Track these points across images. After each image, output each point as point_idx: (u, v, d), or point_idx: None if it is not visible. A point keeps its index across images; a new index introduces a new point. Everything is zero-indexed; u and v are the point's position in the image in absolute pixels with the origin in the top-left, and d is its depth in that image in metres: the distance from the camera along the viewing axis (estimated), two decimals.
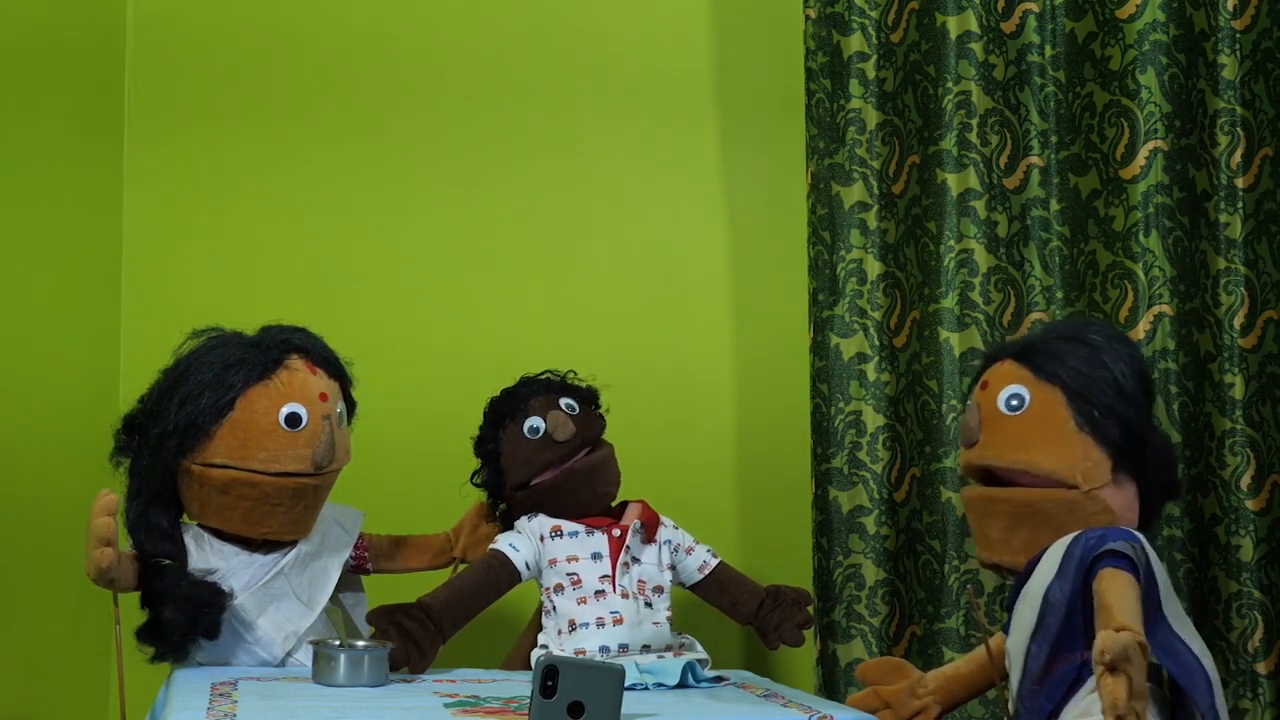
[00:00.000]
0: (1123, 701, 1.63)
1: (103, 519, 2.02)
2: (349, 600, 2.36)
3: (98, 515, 2.02)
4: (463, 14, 2.93)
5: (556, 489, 2.26)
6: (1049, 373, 2.02)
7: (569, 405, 2.28)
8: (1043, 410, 2.01)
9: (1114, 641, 1.65)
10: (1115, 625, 1.72)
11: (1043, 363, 2.03)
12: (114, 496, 2.05)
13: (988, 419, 2.05)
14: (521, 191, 2.91)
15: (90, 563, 2.04)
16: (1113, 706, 1.63)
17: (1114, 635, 1.66)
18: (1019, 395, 2.03)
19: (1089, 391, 2.00)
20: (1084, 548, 1.87)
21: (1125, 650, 1.65)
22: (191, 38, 2.89)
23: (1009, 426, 2.03)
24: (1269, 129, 2.52)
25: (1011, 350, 2.09)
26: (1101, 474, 1.99)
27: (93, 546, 2.02)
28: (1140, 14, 2.56)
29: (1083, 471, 1.99)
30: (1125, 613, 1.75)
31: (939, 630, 2.56)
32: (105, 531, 2.02)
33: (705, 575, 2.35)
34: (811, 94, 2.70)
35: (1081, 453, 1.99)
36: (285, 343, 2.23)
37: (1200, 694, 1.82)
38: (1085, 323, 2.14)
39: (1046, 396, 2.01)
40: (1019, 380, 2.04)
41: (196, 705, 1.85)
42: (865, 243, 2.68)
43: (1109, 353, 2.02)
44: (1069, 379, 2.01)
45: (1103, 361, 2.01)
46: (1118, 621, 1.72)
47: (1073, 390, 2.00)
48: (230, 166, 2.88)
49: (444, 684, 2.08)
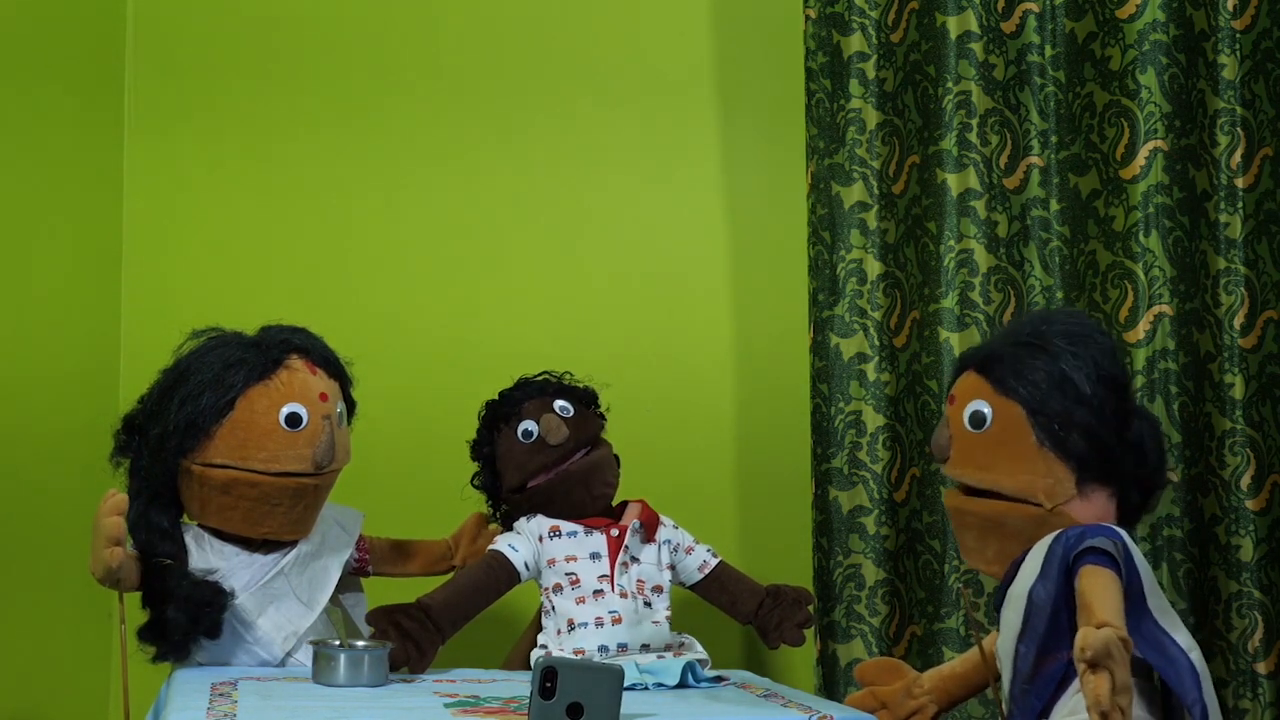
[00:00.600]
0: (1105, 697, 1.63)
1: (112, 518, 2.02)
2: (349, 601, 2.36)
3: (106, 515, 2.02)
4: (463, 16, 2.93)
5: (551, 491, 2.26)
6: (1008, 388, 1.99)
7: (563, 408, 2.29)
8: (1004, 428, 1.99)
9: (1094, 638, 1.65)
10: (1096, 622, 1.72)
11: (1002, 376, 2.00)
12: (122, 496, 2.05)
13: (956, 436, 2.05)
14: (522, 192, 2.91)
15: (98, 562, 2.04)
16: (1096, 703, 1.63)
17: (1094, 632, 1.66)
18: (981, 412, 2.01)
19: (1049, 407, 1.96)
20: (1065, 546, 1.87)
21: (1106, 646, 1.64)
22: (191, 37, 2.89)
23: (974, 445, 2.02)
24: (1269, 129, 2.52)
25: (975, 360, 2.07)
26: (1065, 490, 1.97)
27: (101, 546, 2.02)
28: (1140, 14, 2.56)
29: (1045, 490, 1.97)
30: (1106, 609, 1.75)
31: (939, 630, 2.56)
32: (115, 531, 2.01)
33: (705, 575, 2.35)
34: (811, 94, 2.70)
35: (1044, 470, 1.97)
36: (285, 343, 2.23)
37: (1186, 687, 1.82)
38: (1047, 321, 2.06)
39: (1007, 413, 1.99)
40: (981, 395, 2.02)
41: (196, 705, 1.85)
42: (865, 243, 2.68)
43: (1068, 359, 1.98)
44: (1028, 395, 1.97)
45: (1062, 371, 1.97)
46: (1098, 618, 1.72)
47: (1032, 407, 1.97)
48: (230, 167, 2.88)
49: (444, 684, 2.08)
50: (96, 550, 2.03)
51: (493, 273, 2.89)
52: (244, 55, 2.89)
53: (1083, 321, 2.08)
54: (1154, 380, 2.52)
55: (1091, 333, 2.04)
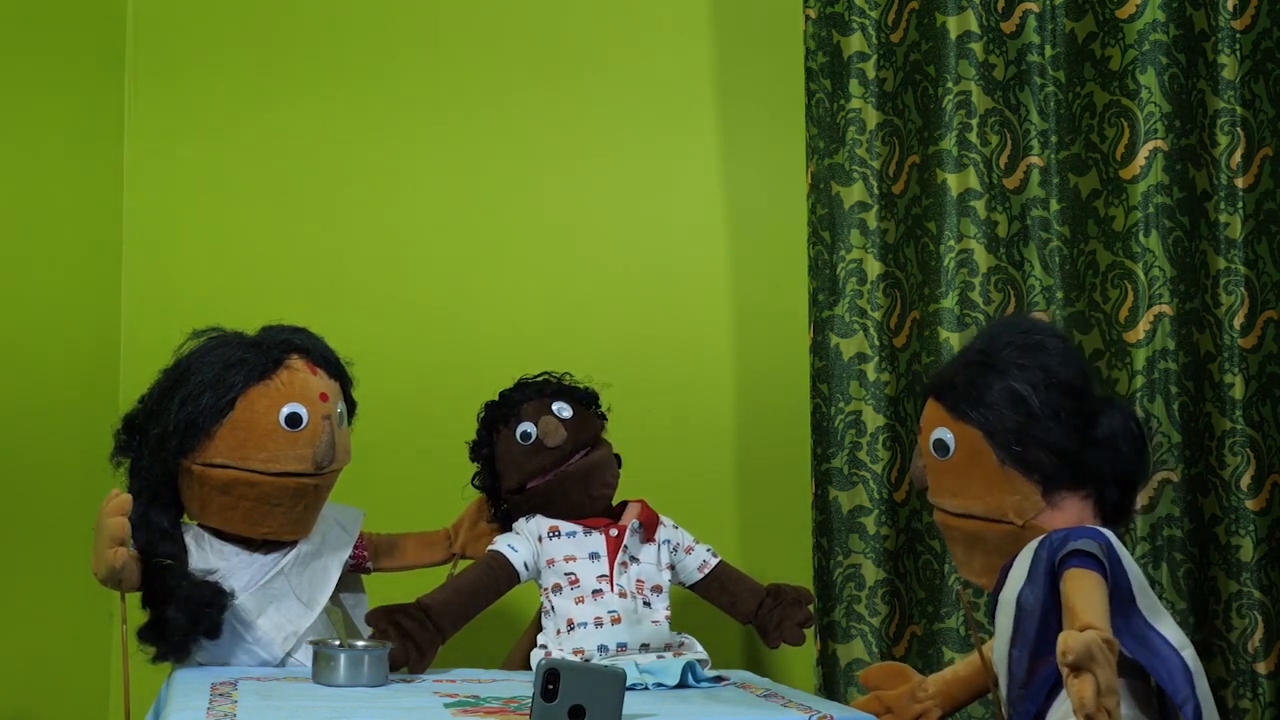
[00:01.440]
0: (1090, 700, 1.63)
1: (116, 519, 2.01)
2: (349, 600, 2.36)
3: (110, 515, 2.02)
4: (466, 14, 2.93)
5: (550, 492, 2.26)
6: (962, 413, 2.00)
7: (561, 409, 2.28)
8: (967, 453, 1.99)
9: (1076, 641, 1.65)
10: (1079, 625, 1.72)
11: (956, 403, 2.01)
12: (126, 497, 2.05)
13: (929, 465, 2.07)
14: (522, 191, 2.91)
15: (101, 562, 2.03)
16: (1080, 706, 1.63)
17: (1076, 635, 1.66)
18: (943, 440, 2.02)
19: (1004, 427, 1.96)
20: (1050, 550, 1.87)
21: (1088, 649, 1.64)
22: (192, 37, 2.90)
23: (944, 472, 2.03)
24: (1269, 129, 2.52)
25: (933, 388, 2.07)
26: (1034, 504, 1.97)
27: (105, 546, 2.01)
28: (1140, 14, 2.56)
29: (1014, 507, 1.97)
30: (1090, 612, 1.75)
31: (939, 630, 2.56)
32: (119, 531, 2.01)
33: (705, 574, 2.35)
34: (811, 94, 2.70)
35: (1010, 488, 1.97)
36: (286, 343, 2.23)
37: (1177, 685, 1.82)
38: (994, 336, 2.05)
39: (967, 437, 1.99)
40: (941, 423, 2.03)
41: (196, 705, 1.85)
42: (865, 243, 2.68)
43: (1014, 373, 1.97)
44: (981, 418, 1.97)
45: (1011, 388, 1.96)
46: (1081, 621, 1.72)
47: (987, 429, 1.97)
48: (231, 167, 2.88)
49: (444, 684, 2.08)
50: (100, 550, 2.03)
51: (493, 273, 2.89)
52: (244, 55, 2.90)
53: (1032, 329, 2.06)
54: (1154, 380, 2.52)
55: (1042, 340, 2.02)
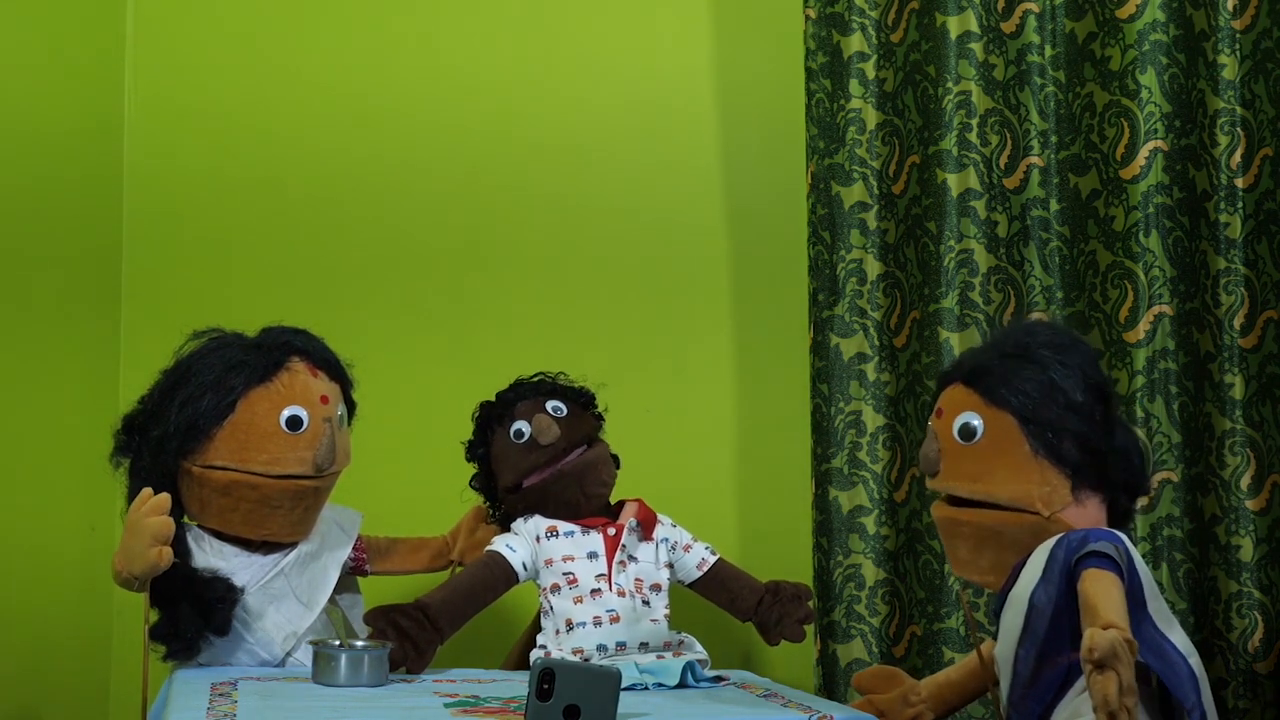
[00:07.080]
0: (1114, 698, 1.63)
1: (160, 518, 2.00)
2: (345, 601, 2.36)
3: (150, 514, 2.00)
4: (463, 20, 2.93)
5: (545, 491, 2.27)
6: (999, 398, 2.00)
7: (555, 408, 2.29)
8: (997, 438, 1.99)
9: (1101, 639, 1.65)
10: (1102, 623, 1.72)
11: (992, 387, 2.01)
12: (164, 495, 2.03)
13: (945, 449, 2.05)
14: (522, 191, 2.91)
15: (139, 560, 2.00)
16: (1104, 703, 1.64)
17: (1101, 633, 1.67)
18: (971, 424, 2.01)
19: (1040, 415, 1.97)
20: (1067, 550, 1.88)
21: (1113, 647, 1.65)
22: (192, 36, 2.89)
23: (966, 456, 2.02)
24: (1269, 129, 2.52)
25: (961, 374, 2.07)
26: (1061, 497, 1.98)
27: (147, 545, 1.98)
28: (1140, 14, 2.56)
29: (1042, 498, 1.98)
30: (1111, 611, 1.75)
31: (939, 630, 2.56)
32: (164, 530, 1.99)
33: (704, 572, 2.35)
34: (811, 94, 2.70)
35: (1040, 478, 1.98)
36: (286, 345, 2.23)
37: (1185, 691, 1.83)
38: (1030, 333, 2.08)
39: (999, 423, 2.00)
40: (971, 407, 2.02)
41: (196, 705, 1.86)
42: (865, 243, 2.68)
43: (1056, 368, 1.99)
44: (1019, 404, 1.98)
45: (1051, 380, 1.98)
46: (1104, 619, 1.73)
47: (1024, 415, 1.98)
48: (231, 166, 2.88)
49: (444, 684, 2.08)
50: (140, 549, 1.99)
51: (493, 273, 2.89)
52: (244, 54, 2.89)
53: (1066, 332, 2.10)
54: (1154, 380, 2.52)
55: (1075, 342, 2.06)
